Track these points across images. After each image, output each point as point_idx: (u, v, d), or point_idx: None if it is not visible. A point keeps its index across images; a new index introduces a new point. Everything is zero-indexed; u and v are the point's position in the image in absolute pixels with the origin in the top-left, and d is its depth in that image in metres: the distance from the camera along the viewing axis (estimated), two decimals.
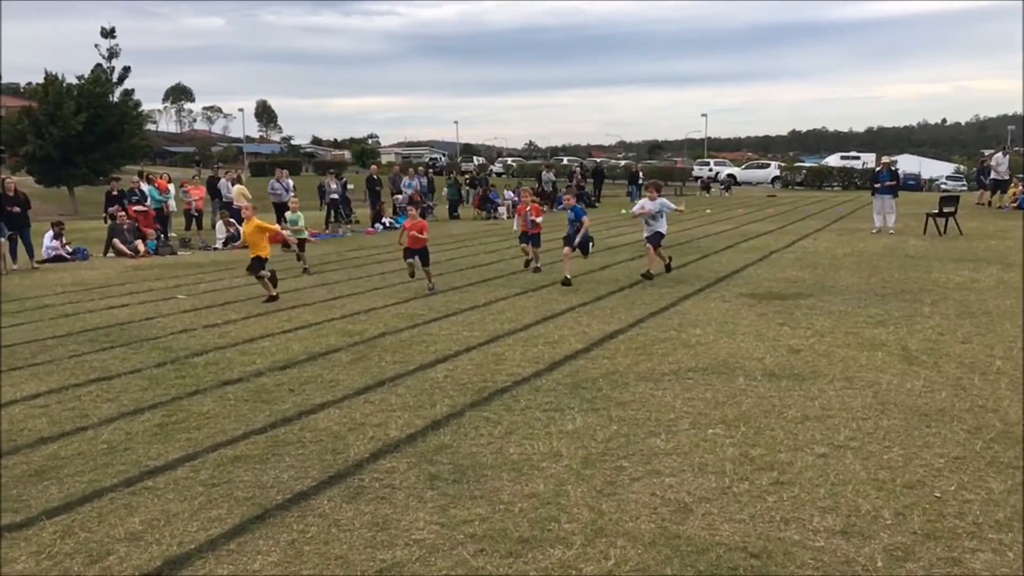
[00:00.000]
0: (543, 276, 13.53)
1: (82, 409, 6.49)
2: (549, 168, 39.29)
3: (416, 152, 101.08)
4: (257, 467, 5.09)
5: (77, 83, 43.44)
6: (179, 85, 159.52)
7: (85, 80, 43.83)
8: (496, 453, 5.21)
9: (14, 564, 3.89)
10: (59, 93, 42.03)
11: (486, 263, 15.82)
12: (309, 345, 8.64)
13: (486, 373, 7.23)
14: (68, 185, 43.08)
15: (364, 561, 3.81)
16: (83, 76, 44.19)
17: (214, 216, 23.58)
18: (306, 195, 27.30)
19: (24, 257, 17.83)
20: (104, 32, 46.73)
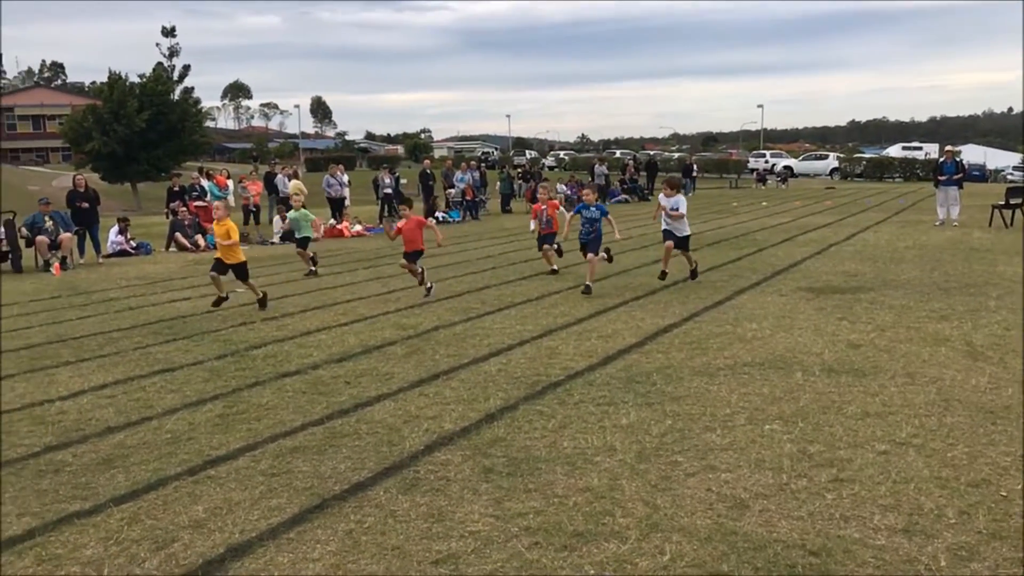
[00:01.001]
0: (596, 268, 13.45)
1: (147, 400, 6.67)
2: (602, 161, 39.10)
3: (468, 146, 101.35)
4: (315, 458, 5.17)
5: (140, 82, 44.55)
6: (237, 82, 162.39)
7: (147, 79, 44.95)
8: (550, 447, 5.21)
9: (83, 550, 4.02)
10: (123, 92, 43.20)
11: (538, 257, 15.79)
12: (364, 338, 8.75)
13: (539, 367, 7.24)
14: (131, 181, 44.26)
15: (420, 552, 3.86)
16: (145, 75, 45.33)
17: (271, 211, 24.01)
18: (361, 189, 27.65)
19: (91, 252, 18.37)
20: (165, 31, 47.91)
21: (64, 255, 16.97)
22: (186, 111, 46.40)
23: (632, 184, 36.42)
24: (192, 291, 12.95)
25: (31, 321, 10.69)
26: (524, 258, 15.69)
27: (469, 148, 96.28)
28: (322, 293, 12.15)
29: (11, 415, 6.36)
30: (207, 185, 22.56)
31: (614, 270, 13.30)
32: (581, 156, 77.77)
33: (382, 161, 58.25)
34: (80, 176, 19.78)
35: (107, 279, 15.01)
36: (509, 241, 19.42)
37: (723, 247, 16.37)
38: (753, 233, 19.09)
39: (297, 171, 26.11)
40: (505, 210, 30.79)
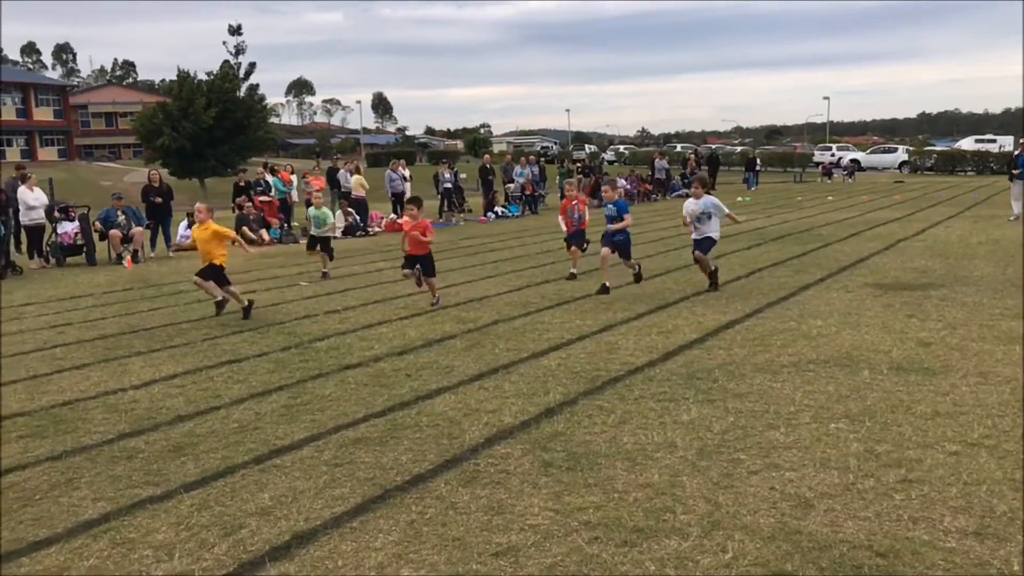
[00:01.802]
0: (655, 264, 13.36)
1: (215, 389, 6.84)
2: (662, 156, 38.73)
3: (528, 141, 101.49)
4: (377, 449, 5.24)
5: (207, 79, 45.58)
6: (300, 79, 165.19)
7: (214, 76, 45.95)
8: (610, 442, 5.20)
9: (155, 534, 4.14)
10: (191, 89, 44.22)
11: (598, 252, 15.73)
12: (425, 332, 8.83)
13: (599, 362, 7.22)
14: (199, 176, 45.31)
15: (480, 544, 3.88)
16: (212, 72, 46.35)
17: (334, 205, 24.35)
18: (422, 184, 27.82)
19: (161, 245, 18.89)
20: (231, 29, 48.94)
21: (136, 248, 17.49)
22: (251, 108, 47.30)
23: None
24: (257, 284, 13.22)
25: (105, 312, 11.04)
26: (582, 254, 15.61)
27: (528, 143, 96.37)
28: (383, 287, 12.29)
29: (86, 402, 6.59)
30: (272, 180, 22.98)
31: (674, 265, 13.18)
32: (641, 150, 77.13)
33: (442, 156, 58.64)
34: (154, 171, 20.36)
35: (176, 272, 15.40)
36: None
37: (787, 242, 16.08)
38: (818, 228, 18.72)
39: (359, 166, 26.42)
40: None
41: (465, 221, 25.26)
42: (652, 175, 34.76)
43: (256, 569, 3.73)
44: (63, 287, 13.81)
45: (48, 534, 4.18)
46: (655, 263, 13.59)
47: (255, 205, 21.57)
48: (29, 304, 12.06)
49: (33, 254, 17.38)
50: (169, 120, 43.91)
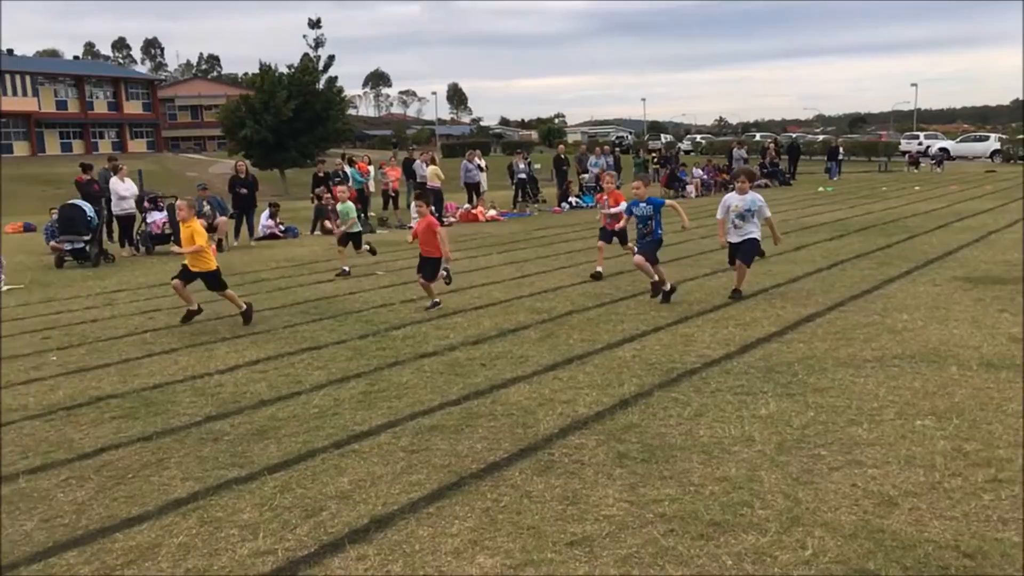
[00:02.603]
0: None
1: (296, 375, 7.01)
2: (741, 145, 38.05)
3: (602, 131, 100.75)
4: (452, 437, 5.31)
5: (288, 72, 46.60)
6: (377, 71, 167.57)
7: (295, 69, 46.95)
8: (686, 435, 5.15)
9: (240, 514, 4.28)
10: (272, 82, 45.31)
11: (673, 243, 15.55)
12: (499, 322, 8.88)
13: (674, 354, 7.15)
14: (280, 167, 46.41)
15: (555, 533, 3.90)
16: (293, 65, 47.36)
17: (409, 196, 24.63)
18: (496, 175, 27.95)
19: (244, 235, 19.42)
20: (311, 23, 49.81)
21: (220, 238, 18.01)
22: (330, 100, 48.20)
23: (773, 168, 35.23)
24: (335, 273, 13.48)
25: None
26: None
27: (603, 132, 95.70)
28: (457, 277, 12.38)
29: (175, 386, 6.84)
30: (350, 171, 23.37)
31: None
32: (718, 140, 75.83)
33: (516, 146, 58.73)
34: (241, 163, 20.94)
35: (258, 261, 15.83)
36: None
37: (871, 233, 15.62)
38: (904, 219, 18.13)
39: (434, 157, 26.65)
40: None
41: (539, 211, 25.26)
42: (729, 165, 34.16)
43: (337, 551, 3.82)
44: (152, 274, 14.34)
45: (140, 511, 4.36)
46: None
47: (334, 195, 21.96)
48: (121, 291, 12.55)
49: (124, 242, 18.09)
50: (252, 113, 45.10)
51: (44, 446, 5.47)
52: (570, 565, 3.60)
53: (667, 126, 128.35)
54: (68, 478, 4.88)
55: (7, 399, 6.65)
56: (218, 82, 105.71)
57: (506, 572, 3.57)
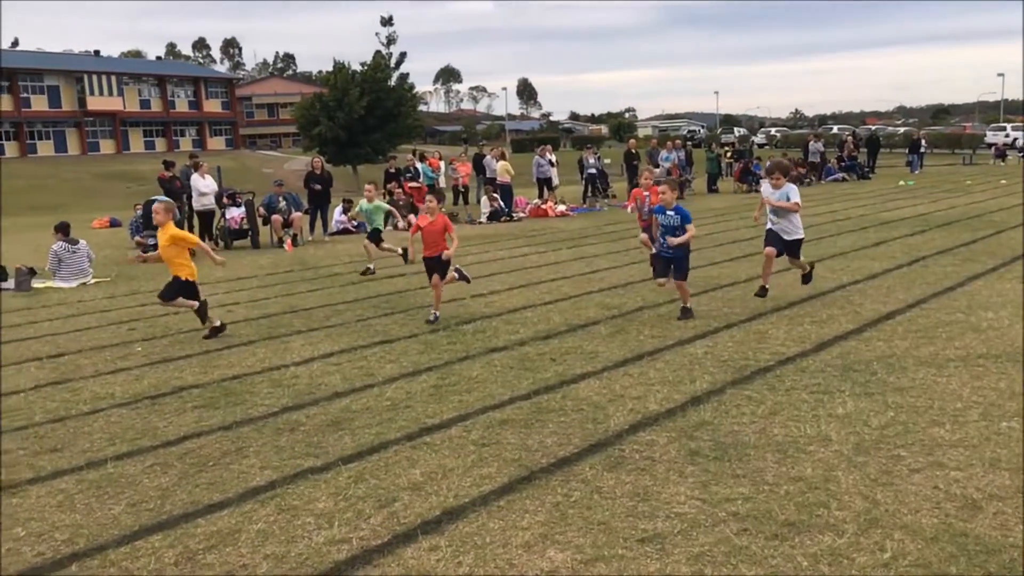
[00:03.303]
0: (808, 251, 12.84)
1: (368, 368, 7.13)
2: (818, 138, 37.10)
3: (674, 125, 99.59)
4: (522, 431, 5.33)
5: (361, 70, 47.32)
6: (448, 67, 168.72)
7: (367, 66, 47.64)
8: (759, 433, 5.07)
9: (316, 503, 4.38)
10: (345, 80, 46.05)
11: (746, 238, 15.31)
12: (569, 317, 8.87)
13: (748, 351, 7.04)
14: (352, 164, 47.17)
15: (626, 529, 3.89)
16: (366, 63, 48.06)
17: (479, 191, 24.79)
18: (566, 170, 27.91)
19: (319, 230, 19.81)
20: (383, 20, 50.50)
21: (295, 233, 18.41)
22: (402, 96, 48.80)
23: (850, 162, 34.31)
24: (407, 267, 13.64)
25: (268, 293, 11.70)
26: (731, 239, 15.25)
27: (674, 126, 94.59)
28: (526, 272, 12.43)
29: (253, 377, 7.03)
30: (421, 167, 23.63)
31: (827, 252, 12.65)
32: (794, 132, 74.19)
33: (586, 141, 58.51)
34: (317, 159, 21.36)
35: (332, 255, 16.13)
36: (716, 222, 18.93)
37: (955, 228, 15.10)
38: (990, 214, 17.46)
39: (504, 152, 26.75)
40: (712, 190, 30.00)
41: (609, 207, 25.11)
42: (806, 158, 33.39)
43: (409, 541, 3.88)
44: (231, 268, 14.71)
45: (220, 498, 4.50)
46: (807, 250, 13.06)
47: (405, 191, 22.25)
48: (201, 284, 12.91)
49: (204, 237, 18.61)
50: (325, 110, 45.93)
51: (130, 433, 5.68)
52: (641, 562, 3.59)
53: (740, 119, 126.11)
54: (153, 464, 5.06)
55: (96, 387, 6.93)
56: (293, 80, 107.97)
57: (577, 567, 3.57)
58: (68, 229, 14.09)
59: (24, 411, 6.32)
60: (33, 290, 12.95)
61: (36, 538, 4.12)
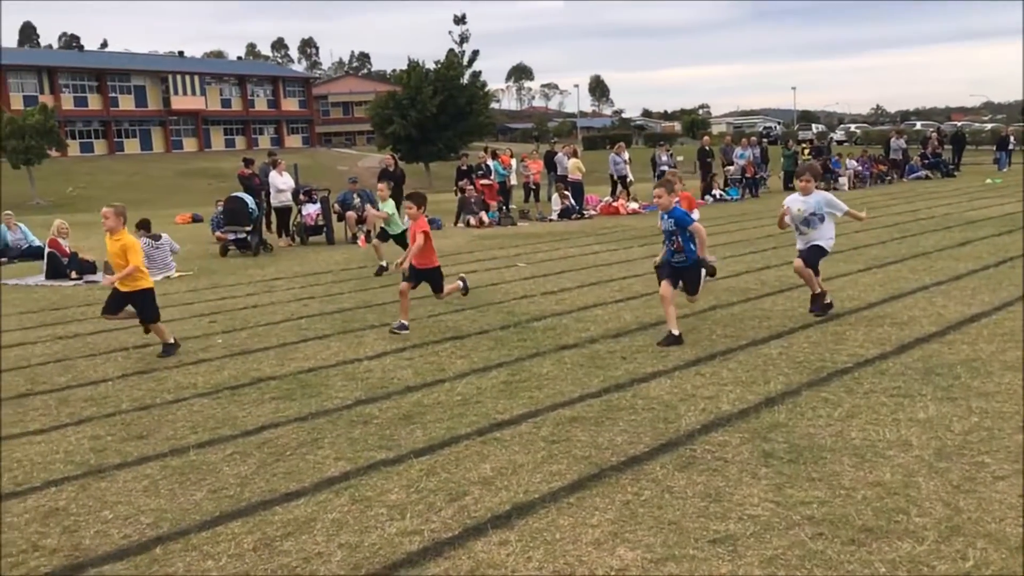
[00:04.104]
0: (889, 251, 12.51)
1: (439, 363, 7.21)
2: (900, 134, 36.02)
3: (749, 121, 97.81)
4: (592, 428, 5.32)
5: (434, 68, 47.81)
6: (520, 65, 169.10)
7: (440, 65, 48.10)
8: (836, 436, 4.96)
9: (388, 494, 4.46)
10: (419, 78, 46.58)
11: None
12: (640, 315, 8.81)
13: (824, 352, 6.89)
14: (424, 161, 47.69)
15: (697, 529, 3.85)
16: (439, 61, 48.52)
17: (550, 189, 24.79)
18: (639, 167, 27.66)
19: None
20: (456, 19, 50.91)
21: (369, 229, 18.69)
22: (474, 94, 49.15)
23: (934, 159, 33.22)
24: (477, 264, 13.75)
25: (342, 288, 11.93)
26: None
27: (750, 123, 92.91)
28: (597, 270, 12.38)
29: (327, 370, 7.18)
30: (492, 164, 23.75)
31: (910, 252, 12.28)
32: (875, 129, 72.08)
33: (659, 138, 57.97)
34: (389, 157, 21.69)
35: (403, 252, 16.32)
36: None
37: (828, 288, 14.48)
38: None
39: (576, 149, 26.69)
40: (788, 187, 29.37)
41: None
42: (887, 155, 32.46)
43: (479, 535, 3.92)
44: (307, 264, 15.06)
45: (297, 487, 4.61)
46: (888, 250, 12.73)
47: (476, 188, 22.40)
48: (278, 279, 13.26)
49: (281, 233, 19.08)
50: (399, 108, 46.54)
51: (211, 422, 5.86)
52: (712, 563, 3.55)
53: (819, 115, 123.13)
54: (233, 453, 5.21)
55: (179, 377, 7.17)
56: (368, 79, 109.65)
57: (647, 566, 3.56)
58: (149, 225, 14.60)
59: (112, 399, 6.59)
60: None
61: (123, 521, 4.29)
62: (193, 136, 74.39)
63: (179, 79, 72.99)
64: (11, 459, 5.29)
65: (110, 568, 3.79)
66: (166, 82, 72.04)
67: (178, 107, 72.12)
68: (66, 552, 3.97)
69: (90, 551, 3.97)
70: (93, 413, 6.22)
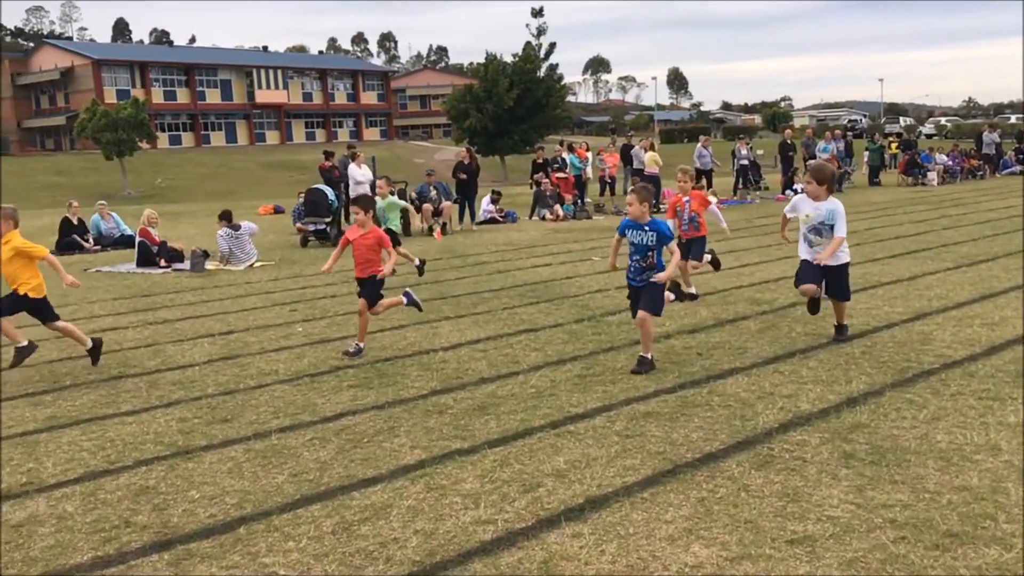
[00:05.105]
0: (980, 249, 12.04)
1: (514, 356, 7.25)
2: (993, 128, 34.61)
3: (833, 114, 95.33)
4: (667, 424, 5.28)
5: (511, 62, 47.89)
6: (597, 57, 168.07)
7: (517, 58, 48.15)
8: (920, 439, 4.82)
9: (463, 483, 4.51)
10: (495, 71, 46.71)
11: (910, 234, 14.51)
12: (717, 311, 8.70)
13: (910, 352, 6.68)
14: (500, 154, 47.84)
15: (774, 529, 3.79)
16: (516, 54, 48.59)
17: (626, 183, 24.59)
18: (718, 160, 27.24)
19: (467, 219, 20.26)
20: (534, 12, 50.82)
21: (444, 221, 18.90)
22: (551, 87, 49.05)
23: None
24: (552, 258, 13.75)
25: (418, 279, 12.07)
26: (894, 235, 14.49)
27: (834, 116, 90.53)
28: None
29: (404, 360, 7.29)
30: (568, 158, 23.69)
31: (1003, 251, 11.80)
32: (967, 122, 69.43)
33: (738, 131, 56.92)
34: (464, 150, 21.86)
35: (479, 244, 16.45)
36: (877, 216, 18.03)
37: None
38: None
39: (653, 143, 26.43)
40: (873, 183, 28.56)
41: (761, 199, 24.38)
42: (979, 150, 31.24)
43: (553, 527, 3.94)
44: None
45: (374, 474, 4.71)
46: (980, 248, 12.27)
47: (552, 181, 22.38)
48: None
49: None
50: (475, 101, 46.75)
51: (292, 408, 6.02)
52: (790, 563, 3.49)
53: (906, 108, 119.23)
54: (312, 438, 5.35)
55: (261, 364, 7.38)
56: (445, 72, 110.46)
57: (722, 564, 3.52)
58: (231, 216, 15.02)
59: (199, 383, 6.82)
60: (206, 271, 13.89)
61: (209, 501, 4.45)
62: (276, 129, 76.23)
63: (263, 73, 74.85)
64: (104, 438, 5.53)
65: (197, 545, 3.94)
66: (251, 76, 73.97)
67: (262, 100, 73.99)
68: (156, 528, 4.14)
69: (178, 528, 4.13)
70: (181, 396, 6.46)
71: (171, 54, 77.73)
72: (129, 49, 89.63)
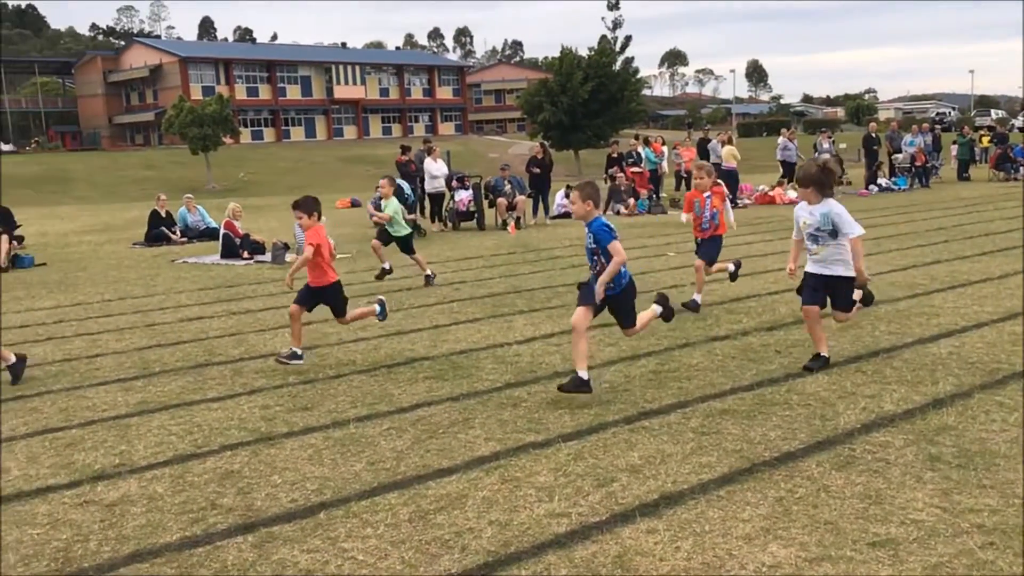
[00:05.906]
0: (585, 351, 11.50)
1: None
2: None
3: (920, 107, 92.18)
4: (744, 422, 5.21)
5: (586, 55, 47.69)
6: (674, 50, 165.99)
7: (593, 51, 47.91)
8: (1011, 442, 4.64)
9: (537, 476, 4.53)
10: (571, 65, 46.55)
11: (1001, 231, 13.96)
12: (795, 308, 8.47)
13: (1001, 354, 6.44)
14: (574, 148, 47.68)
15: (855, 531, 3.71)
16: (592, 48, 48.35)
17: None
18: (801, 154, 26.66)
19: (541, 213, 20.29)
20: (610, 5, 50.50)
21: (518, 216, 18.96)
22: (626, 81, 48.63)
23: None
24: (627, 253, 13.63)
25: (492, 273, 12.16)
26: (984, 231, 13.96)
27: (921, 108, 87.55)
28: (751, 261, 12.03)
29: (478, 352, 7.35)
30: (643, 152, 23.50)
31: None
32: None
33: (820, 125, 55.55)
34: (538, 145, 21.91)
35: (553, 238, 16.45)
36: (966, 212, 17.39)
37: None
38: None
39: (730, 137, 25.99)
40: (963, 177, 27.56)
41: (843, 194, 23.73)
42: None
43: (627, 522, 3.93)
44: (458, 249, 15.44)
45: (449, 464, 4.77)
46: None
47: (627, 176, 22.23)
48: (431, 263, 13.61)
49: (434, 218, 19.64)
50: (550, 95, 46.68)
51: (369, 398, 6.14)
52: (871, 566, 3.41)
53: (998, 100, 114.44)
54: (389, 428, 5.44)
55: (339, 354, 7.54)
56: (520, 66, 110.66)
57: (801, 564, 3.46)
58: None
59: (280, 372, 7.01)
60: (287, 263, 14.24)
61: (290, 486, 4.57)
62: (353, 124, 77.61)
63: (341, 69, 76.25)
64: (191, 423, 5.74)
65: (279, 529, 4.06)
66: (329, 72, 75.45)
67: (340, 96, 75.41)
68: (240, 511, 4.28)
69: (261, 512, 4.26)
70: (263, 384, 6.65)
71: (253, 51, 79.95)
72: (214, 47, 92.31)
